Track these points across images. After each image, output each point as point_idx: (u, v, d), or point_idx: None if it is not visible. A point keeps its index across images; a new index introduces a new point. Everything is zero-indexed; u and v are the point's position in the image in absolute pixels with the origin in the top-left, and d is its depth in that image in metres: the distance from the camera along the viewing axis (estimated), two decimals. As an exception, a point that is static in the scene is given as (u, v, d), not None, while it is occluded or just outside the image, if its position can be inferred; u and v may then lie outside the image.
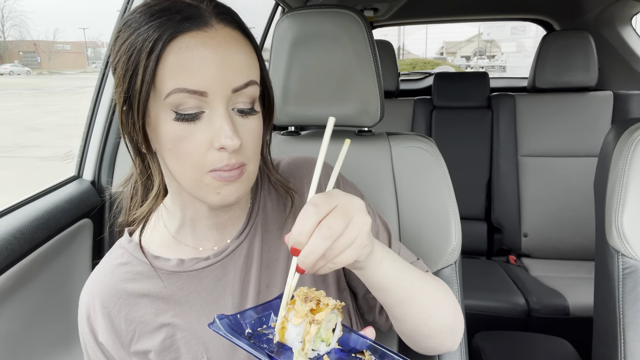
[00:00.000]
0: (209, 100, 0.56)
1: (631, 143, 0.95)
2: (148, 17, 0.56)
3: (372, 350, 0.53)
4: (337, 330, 0.52)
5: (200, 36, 0.56)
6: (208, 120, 0.57)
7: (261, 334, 0.53)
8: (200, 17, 0.57)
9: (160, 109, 0.57)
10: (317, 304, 0.50)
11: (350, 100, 1.00)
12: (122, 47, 0.57)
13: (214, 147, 0.57)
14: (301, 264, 0.49)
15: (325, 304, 0.50)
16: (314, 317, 0.49)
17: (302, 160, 0.78)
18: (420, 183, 0.98)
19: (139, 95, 0.55)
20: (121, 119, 0.60)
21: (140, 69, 0.55)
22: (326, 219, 0.49)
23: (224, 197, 0.60)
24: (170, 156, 0.59)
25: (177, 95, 0.55)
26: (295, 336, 0.49)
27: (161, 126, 0.57)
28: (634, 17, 2.29)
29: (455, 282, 0.96)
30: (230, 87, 0.57)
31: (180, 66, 0.55)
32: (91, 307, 0.68)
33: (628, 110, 2.16)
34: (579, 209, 2.14)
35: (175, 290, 0.68)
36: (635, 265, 0.93)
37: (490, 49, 37.94)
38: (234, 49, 0.58)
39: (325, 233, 0.48)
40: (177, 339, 0.67)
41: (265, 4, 2.26)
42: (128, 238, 0.72)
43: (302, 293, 0.51)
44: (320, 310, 0.49)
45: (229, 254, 0.69)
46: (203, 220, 0.68)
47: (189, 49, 0.55)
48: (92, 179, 1.22)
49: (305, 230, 0.48)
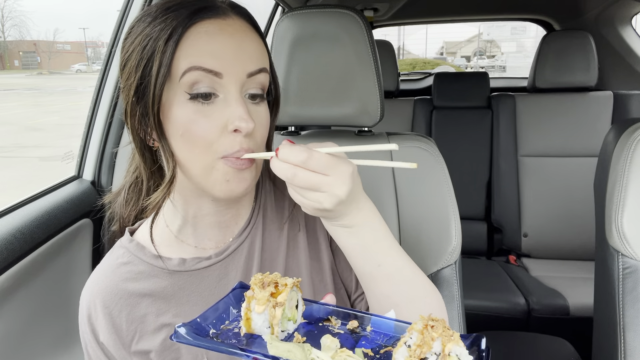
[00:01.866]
0: (223, 82, 0.58)
1: (631, 143, 0.95)
2: (164, 10, 0.58)
3: (336, 314, 0.55)
4: (299, 305, 0.53)
5: (219, 23, 0.59)
6: (222, 103, 0.59)
7: (226, 330, 0.53)
8: (218, 7, 0.60)
9: (174, 93, 0.58)
10: (275, 287, 0.51)
11: (350, 100, 1.00)
12: (136, 40, 0.59)
13: (227, 130, 0.58)
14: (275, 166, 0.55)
15: (284, 284, 0.51)
16: (276, 300, 0.49)
17: None
18: (420, 183, 0.98)
19: (155, 79, 0.56)
20: (128, 112, 0.60)
21: (157, 55, 0.56)
22: (303, 171, 0.53)
23: (232, 186, 0.61)
24: (181, 143, 0.59)
25: (192, 74, 0.57)
26: (262, 323, 0.50)
27: (174, 110, 0.58)
28: (634, 17, 2.29)
29: (455, 282, 0.96)
30: (245, 71, 0.59)
31: (198, 48, 0.57)
32: (92, 307, 0.68)
33: (628, 110, 2.16)
34: (579, 209, 2.14)
35: (177, 289, 0.68)
36: (635, 265, 0.93)
37: (490, 49, 37.93)
38: (249, 38, 0.61)
39: (292, 179, 0.54)
40: None
41: (265, 4, 2.26)
42: (129, 237, 0.72)
43: (257, 280, 0.51)
44: (280, 293, 0.50)
45: (230, 253, 0.69)
46: (205, 218, 0.68)
47: (208, 33, 0.57)
48: (92, 179, 1.22)
49: (289, 161, 0.54)
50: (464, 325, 0.96)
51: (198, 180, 0.61)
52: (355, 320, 0.54)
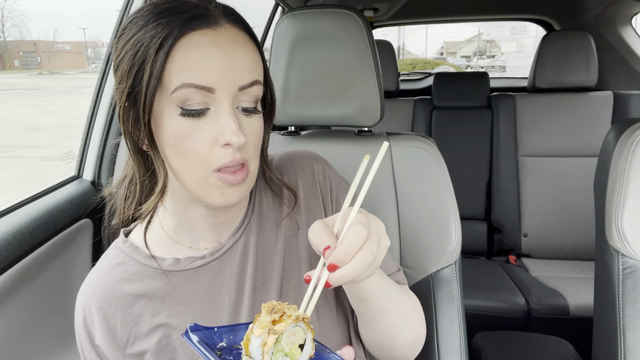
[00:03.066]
0: (215, 97, 0.57)
1: (631, 143, 0.95)
2: (156, 15, 0.57)
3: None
4: (307, 346, 0.50)
5: (210, 34, 0.57)
6: (213, 117, 0.58)
7: (233, 348, 0.52)
8: (210, 16, 0.58)
9: (165, 105, 0.57)
10: (281, 317, 0.48)
11: (350, 100, 1.00)
12: (128, 44, 0.57)
13: (218, 143, 0.58)
14: (334, 281, 0.49)
15: (289, 315, 0.48)
16: (274, 327, 0.47)
17: (296, 155, 0.78)
18: (420, 183, 0.98)
19: (145, 90, 0.56)
20: (121, 115, 0.60)
21: (148, 65, 0.55)
22: (368, 243, 0.49)
23: (227, 198, 0.60)
24: (173, 153, 0.59)
25: (184, 91, 0.56)
26: (257, 348, 0.48)
27: (165, 122, 0.58)
28: (634, 17, 2.29)
29: (455, 282, 0.96)
30: (237, 84, 0.58)
31: (189, 62, 0.55)
32: (87, 309, 0.68)
33: (628, 110, 2.16)
34: (579, 209, 2.14)
35: (171, 289, 0.68)
36: (635, 265, 0.93)
37: (490, 49, 37.93)
38: (242, 49, 0.59)
39: (368, 259, 0.48)
40: (173, 340, 0.66)
41: (265, 4, 2.26)
42: (123, 238, 0.72)
43: (270, 305, 0.49)
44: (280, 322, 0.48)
45: (224, 252, 0.69)
46: (200, 220, 0.68)
47: (199, 45, 0.56)
48: (92, 179, 1.22)
49: (352, 252, 0.48)
50: (463, 325, 0.96)
51: (192, 190, 0.61)
52: None
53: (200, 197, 0.61)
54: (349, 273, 0.48)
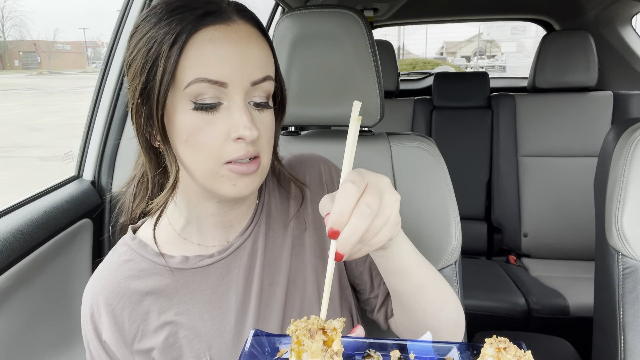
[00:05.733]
0: (228, 91, 0.58)
1: (631, 143, 0.95)
2: (169, 12, 0.57)
3: (374, 348, 0.51)
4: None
5: (223, 29, 0.58)
6: (226, 111, 0.58)
7: None
8: (223, 12, 0.59)
9: (178, 100, 0.58)
10: (323, 333, 0.46)
11: (350, 100, 0.99)
12: (141, 41, 0.58)
13: (231, 138, 0.58)
14: (341, 247, 0.47)
15: (333, 329, 0.46)
16: (333, 349, 0.45)
17: (304, 157, 0.79)
18: (420, 183, 0.98)
19: (159, 85, 0.56)
20: (134, 112, 0.60)
21: (162, 60, 0.56)
22: (363, 197, 0.47)
23: (239, 189, 0.61)
24: (185, 148, 0.59)
25: (197, 85, 0.56)
26: None
27: (178, 117, 0.58)
28: (634, 17, 2.29)
29: (455, 282, 0.96)
30: (249, 79, 0.59)
31: (203, 57, 0.56)
32: (95, 305, 0.68)
33: (628, 110, 2.16)
34: (579, 209, 2.14)
35: (179, 287, 0.68)
36: (635, 265, 0.93)
37: (490, 49, 37.93)
38: (254, 44, 0.60)
39: (365, 211, 0.47)
40: (179, 337, 0.67)
41: (265, 4, 2.26)
42: (132, 235, 0.72)
43: (302, 330, 0.46)
44: (332, 340, 0.46)
45: (233, 251, 0.69)
46: (209, 218, 0.68)
47: (212, 41, 0.57)
48: (92, 179, 1.22)
49: (346, 209, 0.46)
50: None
51: (204, 183, 0.62)
52: (397, 350, 0.50)
53: (212, 189, 0.61)
54: (351, 232, 0.46)
